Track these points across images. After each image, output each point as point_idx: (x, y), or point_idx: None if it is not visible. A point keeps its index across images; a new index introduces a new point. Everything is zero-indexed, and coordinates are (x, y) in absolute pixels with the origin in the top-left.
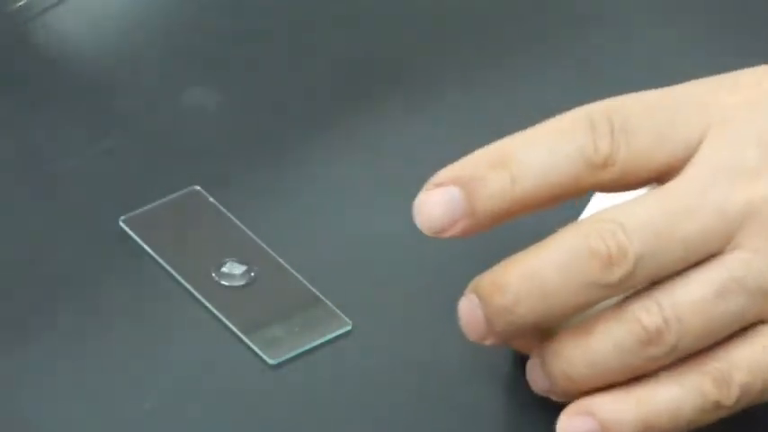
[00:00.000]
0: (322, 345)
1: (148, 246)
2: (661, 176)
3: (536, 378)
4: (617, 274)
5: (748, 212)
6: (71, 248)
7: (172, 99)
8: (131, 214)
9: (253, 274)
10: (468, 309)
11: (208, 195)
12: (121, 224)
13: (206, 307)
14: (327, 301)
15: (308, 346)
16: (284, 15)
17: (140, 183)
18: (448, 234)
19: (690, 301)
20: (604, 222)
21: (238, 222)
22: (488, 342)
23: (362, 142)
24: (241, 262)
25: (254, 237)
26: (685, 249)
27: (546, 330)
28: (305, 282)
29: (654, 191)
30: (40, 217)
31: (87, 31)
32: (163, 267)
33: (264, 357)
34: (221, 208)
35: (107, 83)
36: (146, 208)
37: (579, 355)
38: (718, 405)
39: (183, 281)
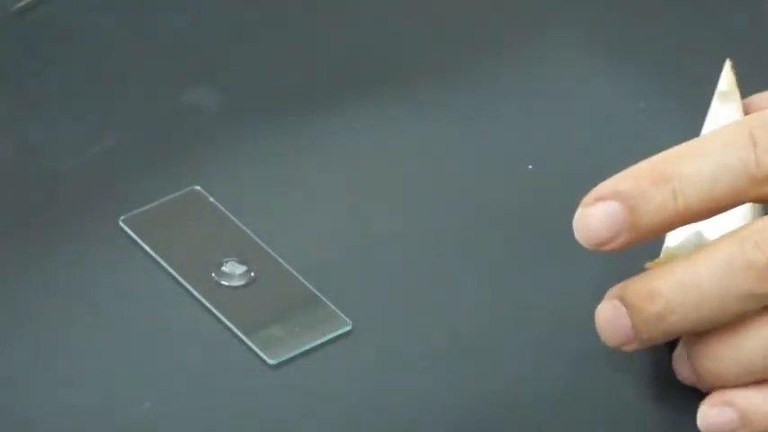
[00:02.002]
0: (322, 345)
1: (148, 246)
2: None
3: (683, 370)
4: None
5: None
6: (71, 248)
7: (172, 99)
8: (131, 214)
9: (253, 274)
10: (613, 315)
11: (208, 195)
12: (121, 224)
13: (206, 307)
14: (327, 301)
15: (308, 346)
16: (285, 15)
17: (140, 183)
18: (608, 248)
19: None
20: (760, 231)
21: (238, 222)
22: (629, 348)
23: (363, 142)
24: (241, 262)
25: (254, 237)
26: None
27: None
28: (305, 282)
29: None
30: (40, 217)
31: (87, 31)
32: (163, 267)
33: (264, 357)
34: (221, 208)
35: (107, 83)
36: (146, 208)
37: (729, 355)
38: None
39: (183, 281)
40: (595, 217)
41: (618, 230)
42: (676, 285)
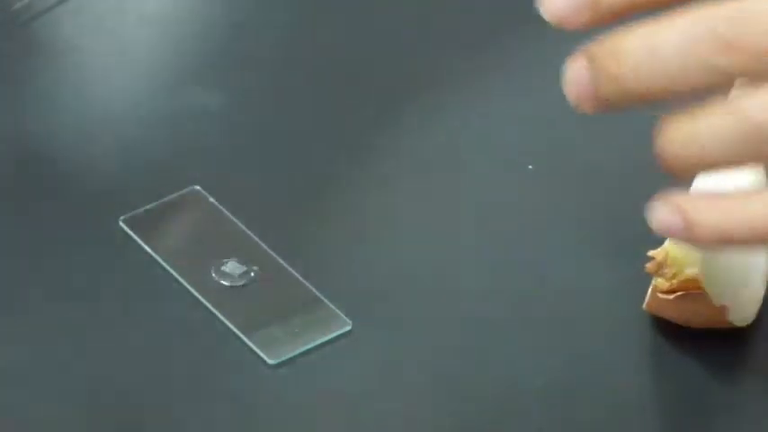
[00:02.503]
0: (322, 345)
1: (148, 246)
2: None
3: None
4: (734, 58)
5: None
6: (71, 248)
7: (172, 99)
8: (131, 214)
9: (253, 274)
10: (577, 70)
11: (208, 195)
12: (121, 224)
13: (206, 307)
14: (327, 301)
15: (308, 346)
16: (285, 15)
17: (140, 183)
18: (573, 22)
19: None
20: (735, 11)
21: (238, 222)
22: (588, 106)
23: (363, 141)
24: (241, 262)
25: (254, 237)
26: None
27: None
28: (305, 282)
29: None
30: (40, 217)
31: (87, 32)
32: (163, 267)
33: (264, 357)
34: (221, 208)
35: (107, 83)
36: (146, 208)
37: (689, 140)
38: None
39: (183, 281)
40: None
41: (579, 4)
42: (644, 44)
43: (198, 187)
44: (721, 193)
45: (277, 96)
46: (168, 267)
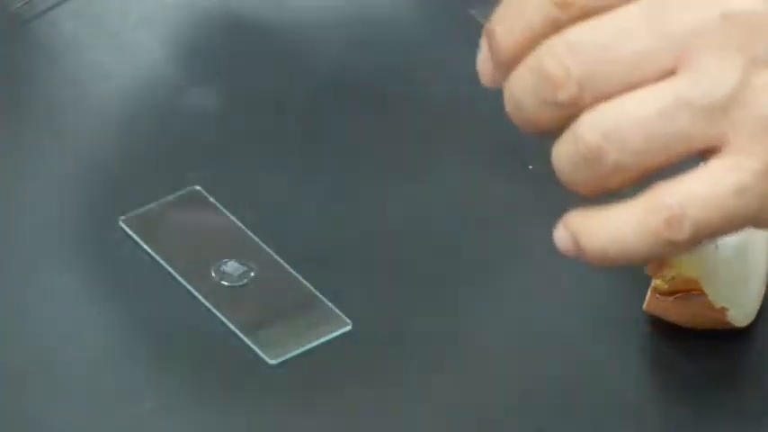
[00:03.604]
0: (322, 345)
1: (148, 246)
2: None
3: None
4: (563, 95)
5: (695, 34)
6: (71, 248)
7: (172, 99)
8: (131, 214)
9: (253, 273)
10: (483, 57)
11: (208, 195)
12: (121, 224)
13: (206, 307)
14: (327, 301)
15: (308, 346)
16: (285, 15)
17: (140, 183)
18: (497, 84)
19: (632, 118)
20: (555, 44)
21: (238, 222)
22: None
23: (363, 142)
24: (241, 262)
25: (254, 237)
26: (628, 71)
27: None
28: (305, 282)
29: (600, 16)
30: (40, 217)
31: (87, 32)
32: (163, 267)
33: (264, 357)
34: (221, 208)
35: (107, 83)
36: (146, 208)
37: (556, 163)
38: (670, 242)
39: (183, 281)
40: (479, 60)
41: (490, 66)
42: (508, 84)
43: (198, 187)
44: (604, 212)
45: (277, 97)
46: (168, 267)
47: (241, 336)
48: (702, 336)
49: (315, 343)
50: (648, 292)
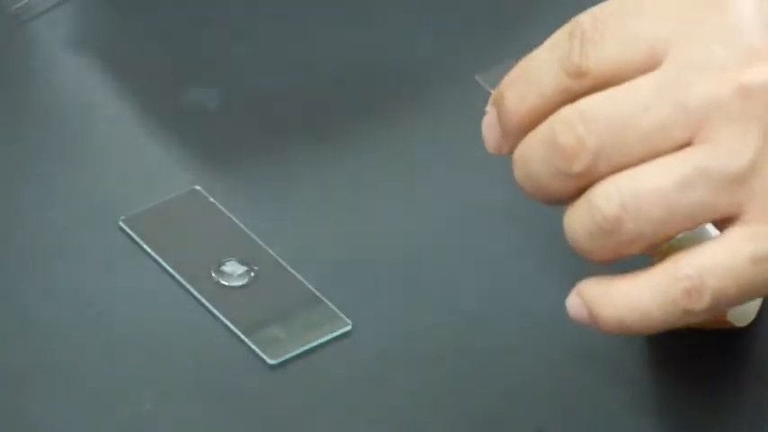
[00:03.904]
0: (322, 345)
1: (148, 246)
2: (639, 72)
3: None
4: (578, 166)
5: (712, 106)
6: (71, 248)
7: (172, 99)
8: (131, 214)
9: (253, 274)
10: (489, 122)
11: (208, 195)
12: (121, 224)
13: (206, 307)
14: (327, 301)
15: (308, 346)
16: (285, 15)
17: (140, 183)
18: (505, 152)
19: (650, 188)
20: (568, 115)
21: (238, 222)
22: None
23: (363, 143)
24: (241, 262)
25: (254, 237)
26: (645, 142)
27: None
28: (305, 282)
29: (615, 87)
30: (40, 217)
31: (87, 32)
32: (163, 267)
33: (264, 357)
34: (221, 208)
35: (107, 83)
36: (146, 208)
37: (568, 234)
38: (688, 311)
39: (183, 281)
40: (484, 126)
41: (498, 135)
42: (516, 155)
43: (198, 187)
44: (622, 281)
45: (277, 97)
46: (168, 267)
47: (241, 336)
48: (702, 336)
49: (315, 343)
50: None
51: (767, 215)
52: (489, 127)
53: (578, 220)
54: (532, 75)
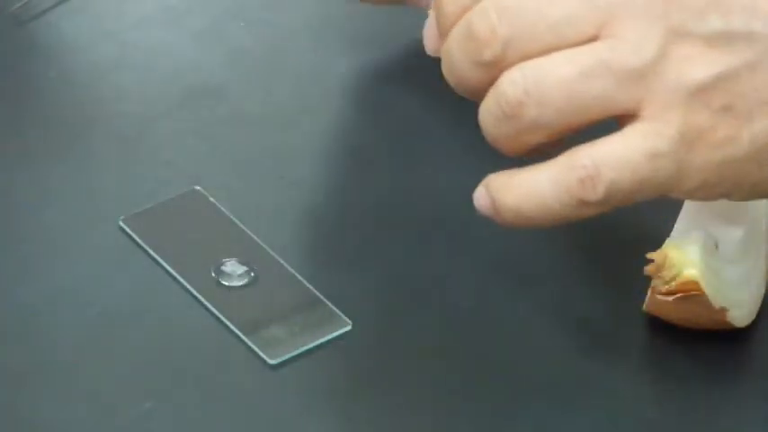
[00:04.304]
0: (322, 345)
1: (148, 246)
2: None
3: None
4: (488, 54)
5: (619, 2)
6: (71, 248)
7: (171, 98)
8: (131, 214)
9: (253, 274)
10: (429, 26)
11: (208, 195)
12: (121, 224)
13: (206, 307)
14: (327, 302)
15: (308, 346)
16: (285, 15)
17: (140, 183)
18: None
19: (554, 76)
20: (484, 5)
21: (238, 222)
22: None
23: (362, 142)
24: (241, 262)
25: (254, 237)
26: (553, 33)
27: None
28: (305, 282)
29: None
30: (40, 217)
31: (87, 32)
32: (163, 267)
33: (264, 357)
34: (221, 208)
35: (107, 83)
36: (146, 208)
37: (481, 121)
38: (583, 202)
39: (183, 281)
40: (425, 29)
41: (434, 34)
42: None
43: (198, 187)
44: (523, 171)
45: (277, 96)
46: (168, 267)
47: (241, 336)
48: (702, 336)
49: (315, 343)
50: (648, 292)
51: (665, 113)
52: (429, 29)
53: (486, 107)
54: None
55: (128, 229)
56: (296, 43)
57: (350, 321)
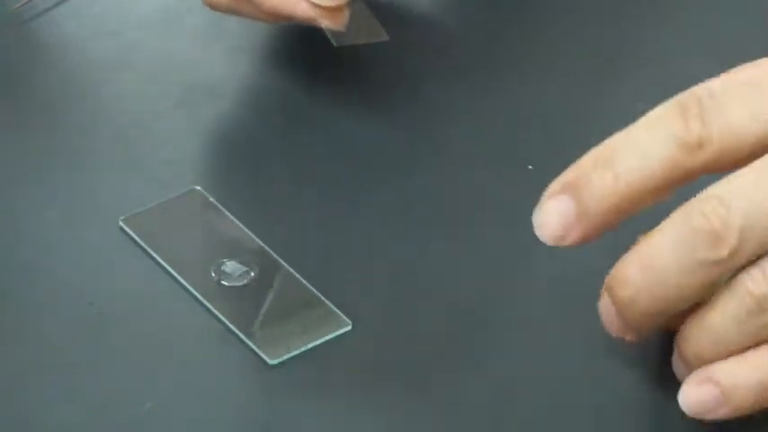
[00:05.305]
0: (322, 345)
1: (148, 246)
2: (763, 151)
3: (679, 370)
4: (725, 249)
5: None
6: (71, 248)
7: (171, 98)
8: (131, 214)
9: (253, 274)
10: (604, 306)
11: (208, 195)
12: (121, 224)
13: (206, 307)
14: (327, 301)
15: (308, 346)
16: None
17: (140, 183)
18: (569, 241)
19: None
20: (704, 200)
21: (238, 222)
22: (630, 337)
23: (362, 142)
24: (241, 262)
25: (254, 237)
26: None
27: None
28: (305, 282)
29: (752, 163)
30: (39, 217)
31: (87, 32)
32: (163, 267)
33: (264, 357)
34: (221, 208)
35: (107, 83)
36: (146, 208)
37: (705, 336)
38: None
39: (183, 281)
40: (549, 213)
41: (571, 222)
42: (639, 265)
43: (198, 187)
44: (741, 356)
45: (277, 96)
46: (168, 267)
47: (241, 336)
48: None
49: (315, 343)
50: None
51: None
52: (606, 310)
53: (724, 311)
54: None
55: (128, 229)
56: (296, 43)
57: (350, 321)
